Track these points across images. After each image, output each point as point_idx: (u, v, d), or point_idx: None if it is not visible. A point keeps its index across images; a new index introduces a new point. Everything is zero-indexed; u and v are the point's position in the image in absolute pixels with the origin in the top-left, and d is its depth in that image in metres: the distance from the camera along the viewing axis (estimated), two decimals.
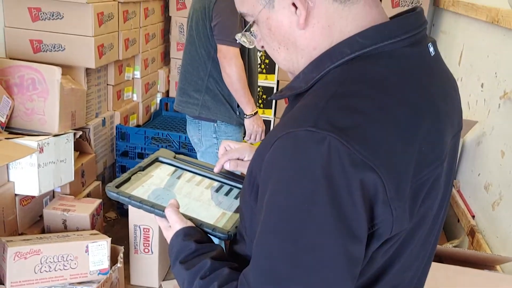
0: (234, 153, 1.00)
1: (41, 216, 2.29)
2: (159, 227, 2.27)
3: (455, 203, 2.19)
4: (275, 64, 3.38)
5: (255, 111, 2.16)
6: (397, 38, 0.66)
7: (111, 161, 2.98)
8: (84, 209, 2.26)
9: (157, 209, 0.86)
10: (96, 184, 2.69)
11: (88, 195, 2.56)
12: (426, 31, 0.73)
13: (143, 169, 1.02)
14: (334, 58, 0.67)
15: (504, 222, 1.78)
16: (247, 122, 2.17)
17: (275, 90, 3.46)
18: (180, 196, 0.94)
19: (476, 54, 2.34)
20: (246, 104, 2.13)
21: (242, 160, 0.99)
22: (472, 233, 1.95)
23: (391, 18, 0.71)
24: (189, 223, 0.82)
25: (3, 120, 2.16)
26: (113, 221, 2.93)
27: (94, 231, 2.16)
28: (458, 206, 2.14)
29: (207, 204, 0.94)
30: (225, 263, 0.74)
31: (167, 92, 3.62)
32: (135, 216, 2.28)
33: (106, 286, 1.97)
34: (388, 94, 0.63)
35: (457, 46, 2.66)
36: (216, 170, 1.01)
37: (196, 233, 0.80)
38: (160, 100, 3.52)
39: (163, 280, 2.46)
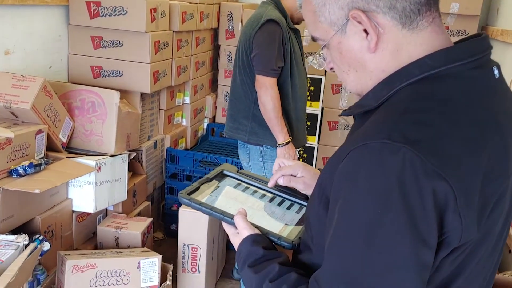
0: (288, 169, 1.05)
1: (94, 233, 2.39)
2: (207, 246, 2.33)
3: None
4: (320, 91, 3.43)
5: (287, 140, 2.24)
6: (463, 61, 0.71)
7: (161, 182, 3.09)
8: (135, 227, 2.35)
9: (226, 216, 0.92)
10: (146, 204, 2.78)
11: (139, 214, 2.66)
12: (490, 55, 0.77)
13: (210, 180, 1.09)
14: (404, 78, 0.72)
15: None
16: (278, 151, 2.25)
17: (319, 118, 3.50)
18: (245, 207, 1.00)
19: None
20: (278, 133, 2.20)
21: (295, 176, 1.05)
22: None
23: (455, 43, 0.76)
24: (256, 231, 0.88)
25: (64, 140, 2.30)
26: (160, 241, 3.01)
27: (145, 249, 2.23)
28: (510, 238, 2.10)
29: (269, 216, 1.00)
30: (292, 268, 0.79)
31: (214, 117, 3.73)
32: (184, 236, 2.35)
33: None
34: (455, 111, 0.68)
35: (506, 75, 2.64)
36: (270, 184, 1.07)
37: (263, 240, 0.86)
38: (207, 125, 3.63)
39: None
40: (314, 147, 3.57)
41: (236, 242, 0.89)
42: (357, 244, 0.64)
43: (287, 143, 2.24)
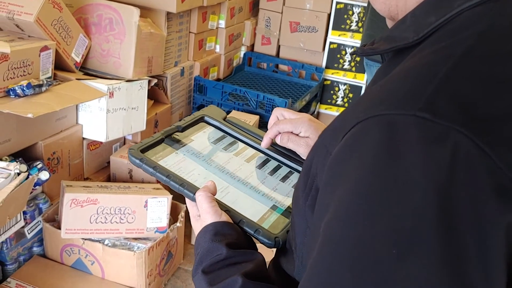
0: (287, 124, 0.76)
1: (109, 163, 2.22)
2: None
3: None
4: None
5: None
6: None
7: (187, 113, 2.86)
8: None
9: (186, 190, 0.66)
10: None
11: None
12: None
13: (182, 129, 0.81)
14: None
15: None
16: None
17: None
18: (223, 174, 0.73)
19: None
20: None
21: (297, 135, 0.77)
22: None
23: None
24: (224, 217, 0.61)
25: (78, 60, 2.08)
26: None
27: (158, 186, 2.05)
28: None
29: (256, 191, 0.72)
30: (263, 285, 0.52)
31: (252, 46, 3.41)
32: None
33: (162, 245, 1.86)
34: None
35: None
36: (263, 144, 0.80)
37: (231, 233, 0.59)
38: (244, 54, 3.32)
39: None
40: (362, 86, 3.21)
41: (196, 228, 0.62)
42: None
43: None
